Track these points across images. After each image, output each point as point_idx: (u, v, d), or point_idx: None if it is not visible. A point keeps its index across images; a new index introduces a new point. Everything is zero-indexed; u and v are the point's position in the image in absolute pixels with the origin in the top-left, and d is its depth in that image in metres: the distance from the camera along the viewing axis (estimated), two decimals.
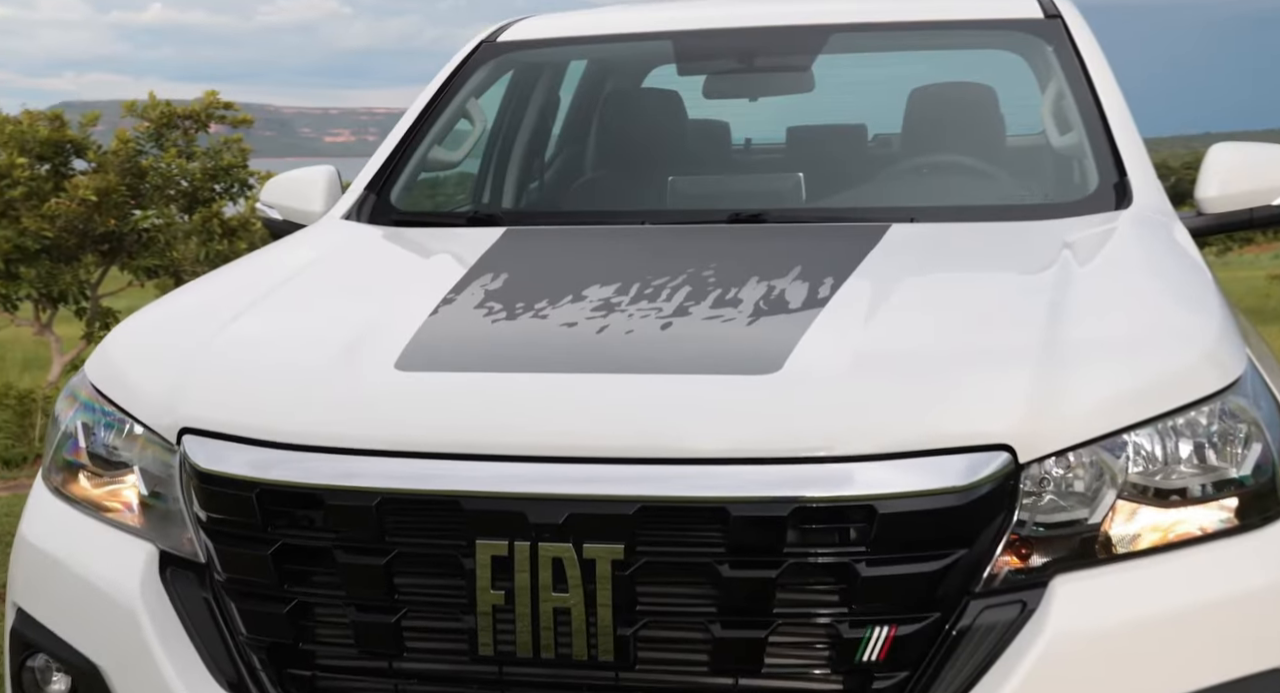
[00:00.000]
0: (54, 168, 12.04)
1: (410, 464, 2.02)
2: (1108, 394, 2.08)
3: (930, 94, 3.77)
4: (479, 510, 1.97)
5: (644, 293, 2.42)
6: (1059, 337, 2.18)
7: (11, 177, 11.46)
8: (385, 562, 2.01)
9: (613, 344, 2.22)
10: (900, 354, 2.15)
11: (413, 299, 2.47)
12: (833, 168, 3.60)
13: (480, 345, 2.29)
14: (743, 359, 2.14)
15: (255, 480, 2.07)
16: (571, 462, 1.99)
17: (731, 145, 4.15)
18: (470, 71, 3.64)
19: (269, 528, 2.08)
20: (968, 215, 3.00)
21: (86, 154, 12.16)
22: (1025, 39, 3.56)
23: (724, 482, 1.95)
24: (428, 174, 3.56)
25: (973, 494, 1.97)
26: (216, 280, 2.88)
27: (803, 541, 1.95)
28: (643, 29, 3.76)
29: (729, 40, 3.67)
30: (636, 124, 3.83)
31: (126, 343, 2.52)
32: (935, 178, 3.40)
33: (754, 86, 3.87)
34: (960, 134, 3.57)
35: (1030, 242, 2.78)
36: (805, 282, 2.45)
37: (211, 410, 2.19)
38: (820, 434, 1.99)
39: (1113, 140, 3.11)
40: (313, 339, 2.35)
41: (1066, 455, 2.04)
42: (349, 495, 2.01)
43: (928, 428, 2.00)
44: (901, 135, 3.76)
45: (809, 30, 3.62)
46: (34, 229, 11.18)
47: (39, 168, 11.99)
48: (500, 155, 3.91)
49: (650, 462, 1.98)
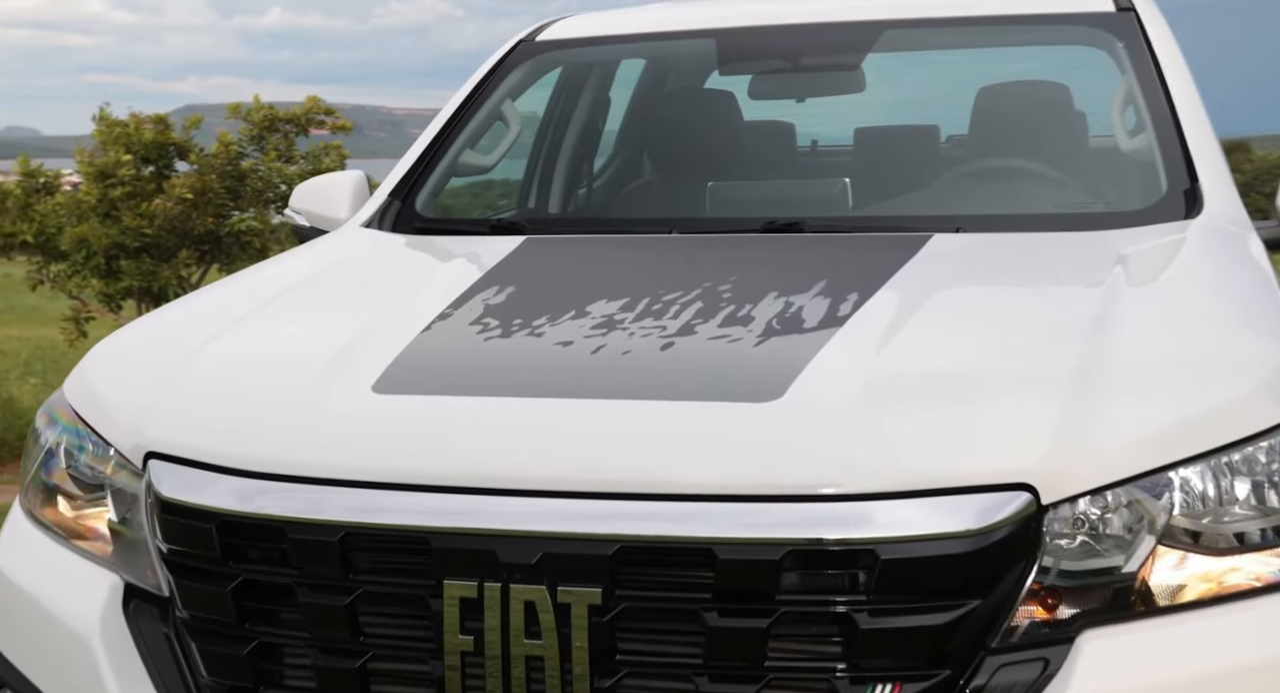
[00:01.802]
0: (157, 170, 12.26)
1: (377, 496, 1.87)
2: (1149, 427, 1.87)
3: (999, 93, 3.54)
4: (447, 548, 1.82)
5: (651, 309, 2.25)
6: (1095, 362, 1.97)
7: (117, 175, 11.69)
8: (349, 601, 1.87)
9: (605, 366, 2.05)
10: (914, 381, 1.96)
11: (409, 314, 2.33)
12: (893, 172, 3.39)
13: (463, 366, 2.14)
14: (742, 385, 1.96)
15: (215, 511, 1.93)
16: (546, 496, 1.82)
17: (796, 148, 3.95)
18: (506, 72, 3.50)
19: (229, 562, 1.94)
20: (1018, 225, 2.77)
21: (189, 156, 12.35)
22: (1094, 34, 3.31)
23: (711, 520, 1.78)
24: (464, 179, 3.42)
25: (988, 539, 1.76)
26: (211, 294, 2.77)
27: (798, 587, 1.77)
28: (688, 27, 3.58)
29: (775, 38, 3.47)
30: (688, 127, 3.65)
31: (103, 360, 2.41)
32: (992, 184, 3.18)
33: (801, 87, 3.67)
34: (1031, 136, 3.34)
35: (1081, 255, 2.56)
36: (827, 298, 2.26)
37: (177, 434, 2.06)
38: (818, 470, 1.80)
39: (1184, 143, 2.86)
40: (294, 358, 2.21)
41: (1098, 496, 1.82)
42: (311, 529, 1.87)
43: (938, 464, 1.80)
44: (968, 137, 3.53)
45: (860, 27, 3.41)
46: (135, 227, 11.38)
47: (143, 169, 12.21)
48: (546, 158, 3.76)
49: (631, 497, 1.81)
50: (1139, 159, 3.05)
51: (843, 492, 1.77)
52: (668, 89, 3.99)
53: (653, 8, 3.81)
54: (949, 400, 1.90)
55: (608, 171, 3.99)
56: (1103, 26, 3.26)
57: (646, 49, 3.82)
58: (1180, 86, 3.01)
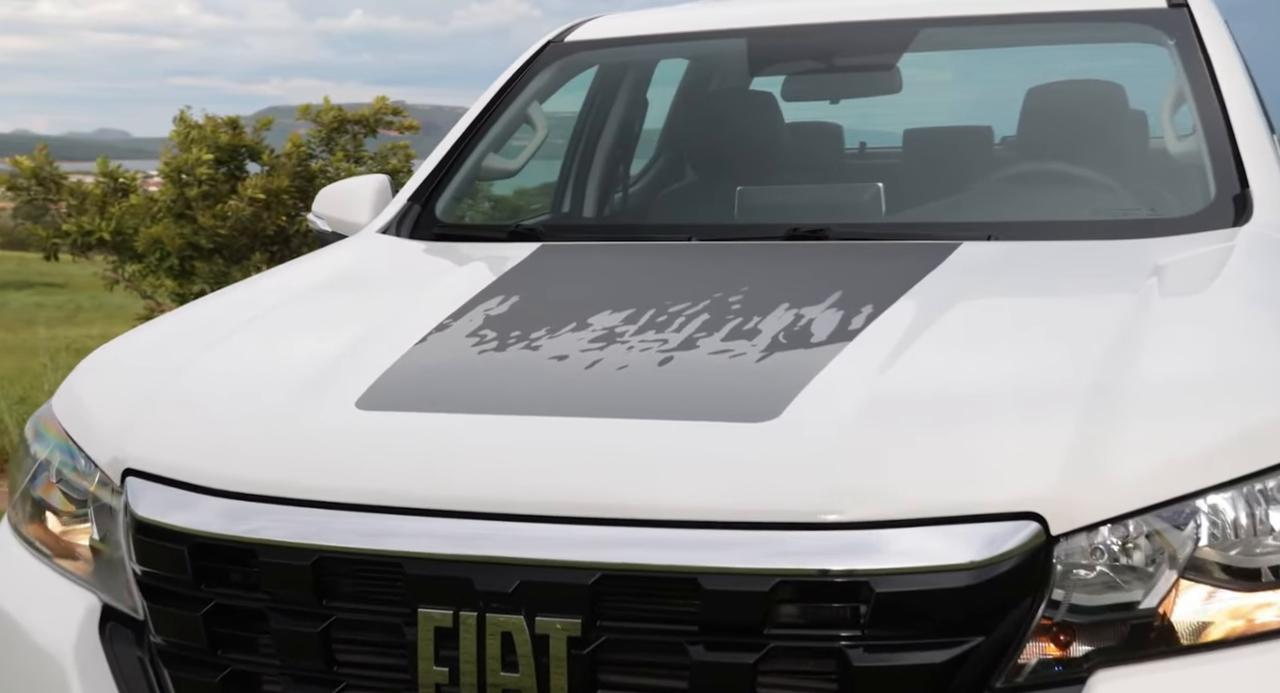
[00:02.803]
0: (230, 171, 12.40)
1: (352, 518, 1.79)
2: (1172, 451, 1.74)
3: (1049, 93, 3.39)
4: (421, 575, 1.73)
5: (655, 321, 2.16)
6: (1116, 380, 1.84)
7: (194, 174, 11.83)
8: (322, 629, 1.79)
9: (597, 382, 1.96)
10: (919, 401, 1.84)
11: (407, 325, 2.25)
12: (937, 175, 3.26)
13: (452, 381, 2.06)
14: (738, 403, 1.85)
15: (187, 532, 1.86)
16: (524, 520, 1.73)
17: (843, 150, 3.82)
18: (534, 74, 3.41)
19: (202, 586, 1.86)
20: (1053, 232, 2.64)
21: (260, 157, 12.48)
22: (1145, 31, 3.15)
23: (696, 548, 1.67)
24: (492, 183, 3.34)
25: (991, 572, 1.64)
26: (211, 303, 2.71)
27: (788, 620, 1.66)
28: (721, 27, 3.46)
29: (808, 38, 3.35)
30: (727, 130, 3.54)
31: (91, 373, 2.34)
32: (1033, 189, 3.04)
33: (835, 88, 3.54)
34: (1081, 139, 3.19)
35: (1114, 265, 2.42)
36: (840, 310, 2.15)
37: (156, 451, 1.99)
38: (811, 496, 1.69)
39: (1235, 146, 2.70)
40: (281, 371, 2.13)
41: (1113, 526, 1.70)
42: (283, 553, 1.79)
43: (940, 492, 1.69)
44: (1016, 139, 3.39)
45: (896, 25, 3.28)
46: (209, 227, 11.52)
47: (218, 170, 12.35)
48: (581, 162, 3.68)
49: (613, 523, 1.71)
50: (1187, 163, 2.89)
51: (837, 520, 1.67)
52: (711, 90, 3.88)
53: (685, 7, 3.71)
54: (954, 422, 1.79)
55: (647, 175, 3.89)
56: (1153, 23, 3.10)
57: (679, 49, 3.71)
58: (1234, 86, 2.84)
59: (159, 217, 11.97)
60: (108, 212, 12.59)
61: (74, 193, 13.08)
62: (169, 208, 12.03)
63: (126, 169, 14.22)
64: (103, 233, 12.42)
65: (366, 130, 12.44)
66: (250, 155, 12.48)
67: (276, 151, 12.69)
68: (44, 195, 13.56)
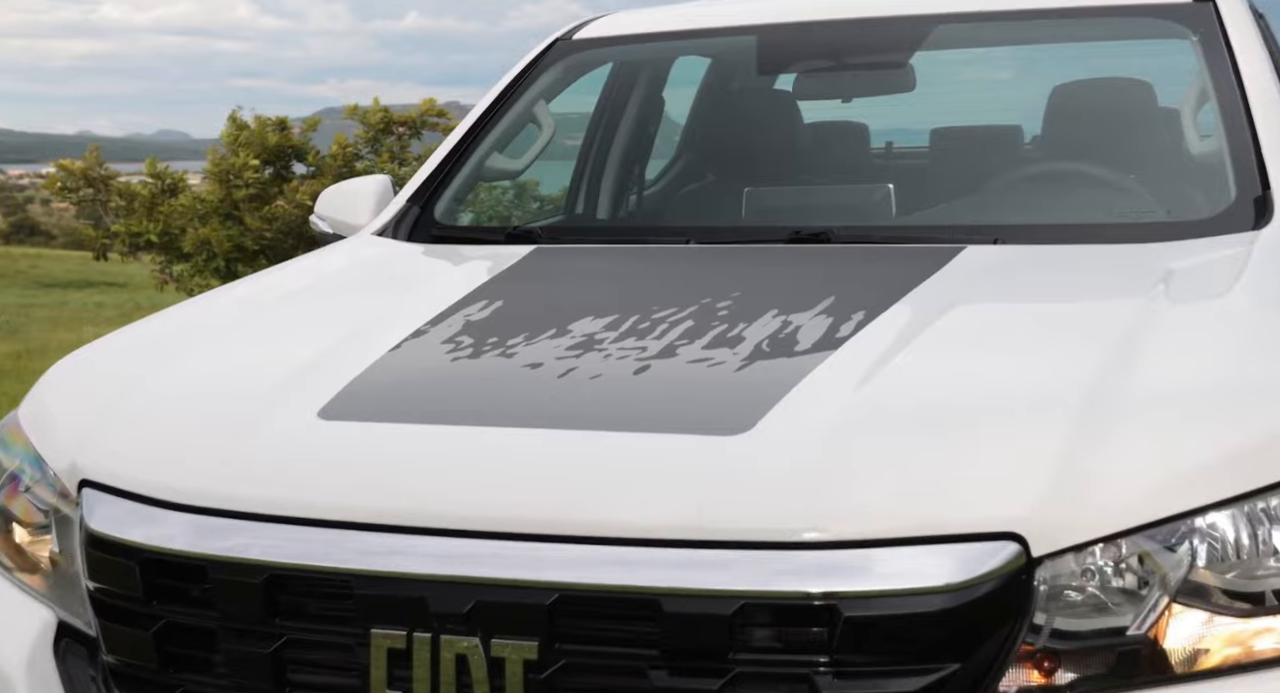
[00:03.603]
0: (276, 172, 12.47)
1: (305, 534, 1.71)
2: (1165, 467, 1.64)
3: (1076, 91, 3.27)
4: (374, 594, 1.66)
5: (638, 327, 2.08)
6: (1109, 391, 1.74)
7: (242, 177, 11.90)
8: (273, 649, 1.71)
9: (567, 392, 1.88)
10: (899, 414, 1.75)
11: (385, 331, 2.18)
12: (956, 176, 3.16)
13: (418, 390, 1.99)
14: (711, 415, 1.77)
15: (138, 547, 1.79)
16: (481, 537, 1.65)
17: (868, 150, 3.72)
18: (540, 72, 3.33)
19: (153, 603, 1.79)
20: (1064, 235, 2.53)
21: (306, 158, 12.53)
22: (1165, 27, 3.03)
23: (657, 568, 1.59)
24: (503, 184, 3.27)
25: (968, 595, 1.55)
26: (189, 307, 2.63)
27: (753, 645, 1.57)
28: (732, 23, 3.37)
29: (819, 35, 3.25)
30: (744, 130, 3.45)
31: (56, 379, 2.28)
32: (1049, 190, 2.92)
33: (847, 86, 3.44)
34: (1107, 139, 3.07)
35: (1123, 269, 2.31)
36: (830, 317, 2.06)
37: (112, 461, 1.92)
38: (779, 513, 1.61)
39: (1258, 146, 2.57)
40: (248, 379, 2.06)
41: (1099, 547, 1.60)
42: (234, 569, 1.72)
43: (914, 510, 1.60)
44: (1041, 139, 3.28)
45: (909, 22, 3.17)
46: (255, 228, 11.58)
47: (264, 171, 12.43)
48: (595, 162, 3.60)
49: (572, 540, 1.63)
50: (1208, 163, 2.77)
51: (806, 539, 1.58)
52: (730, 89, 3.79)
53: (700, 4, 3.62)
54: (933, 437, 1.70)
55: (667, 176, 3.81)
56: (1176, 18, 2.98)
57: (690, 47, 3.62)
58: (1259, 84, 2.72)
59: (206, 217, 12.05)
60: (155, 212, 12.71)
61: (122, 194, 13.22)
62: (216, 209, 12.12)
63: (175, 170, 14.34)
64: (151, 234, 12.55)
65: (412, 132, 12.47)
66: (297, 156, 12.54)
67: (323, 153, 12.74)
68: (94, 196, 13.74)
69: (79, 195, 14.01)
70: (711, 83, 3.86)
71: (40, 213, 55.20)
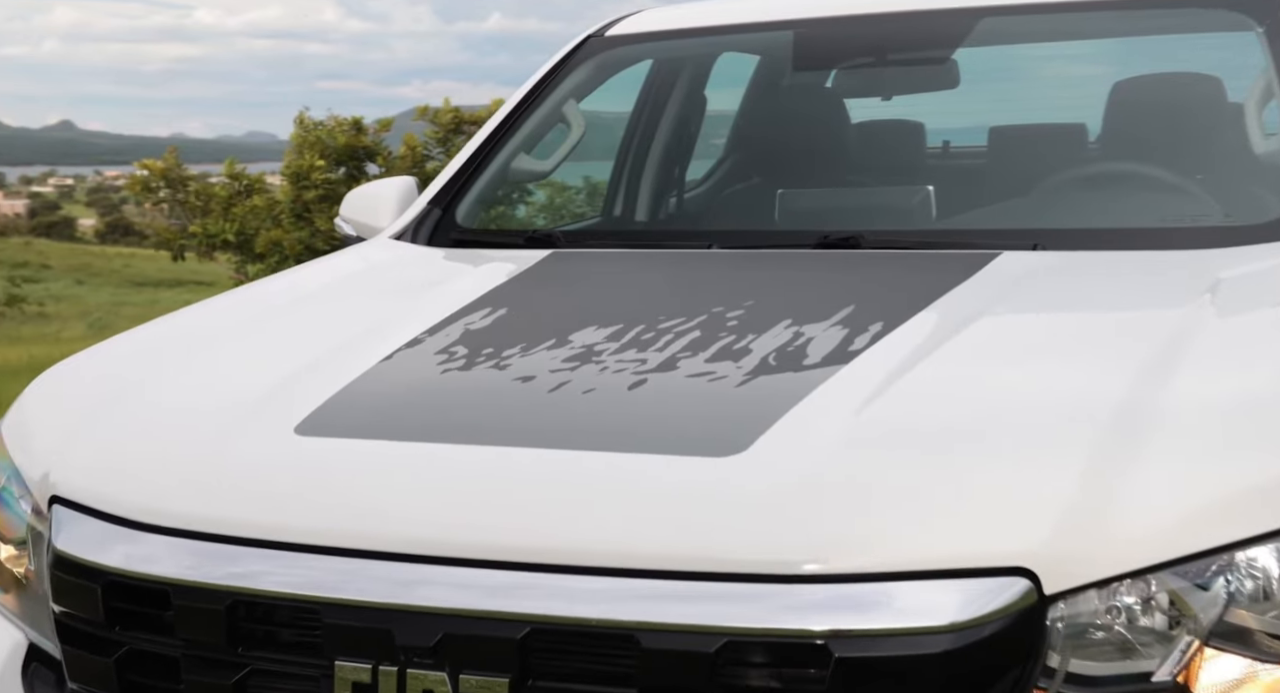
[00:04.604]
0: (349, 172, 12.54)
1: (270, 559, 1.62)
2: (1199, 496, 1.50)
3: (1138, 87, 3.10)
4: (339, 624, 1.56)
5: (641, 338, 1.97)
6: (1138, 412, 1.60)
7: (310, 179, 11.99)
8: (236, 679, 1.62)
9: (556, 407, 1.77)
10: (908, 434, 1.62)
11: (379, 341, 2.08)
12: (1006, 177, 3.00)
13: (402, 405, 1.88)
14: (705, 434, 1.65)
15: (101, 568, 1.71)
16: (451, 564, 1.55)
17: (924, 149, 3.56)
18: (570, 70, 3.22)
19: (115, 628, 1.71)
20: (1109, 241, 2.37)
21: (377, 159, 12.58)
22: (1228, 18, 2.85)
23: (636, 600, 1.48)
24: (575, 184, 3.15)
25: (973, 635, 1.42)
26: (186, 314, 2.54)
27: (736, 686, 1.45)
28: (770, 19, 3.23)
29: (858, 29, 3.10)
30: (789, 128, 3.31)
31: (40, 389, 2.19)
32: (1100, 193, 2.75)
33: (888, 83, 3.28)
34: (1167, 137, 2.89)
35: (1168, 278, 2.16)
36: (845, 328, 1.93)
37: (84, 477, 1.84)
38: (767, 543, 1.49)
39: None
40: (232, 392, 1.97)
41: (1121, 584, 1.46)
42: (195, 594, 1.63)
43: (916, 541, 1.47)
44: (1100, 138, 3.10)
45: (953, 16, 3.01)
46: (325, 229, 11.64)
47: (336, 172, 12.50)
48: (634, 162, 3.48)
49: (546, 569, 1.52)
50: (1273, 163, 2.59)
51: (796, 572, 1.46)
52: (775, 87, 3.65)
53: None
54: (942, 461, 1.56)
55: (712, 178, 3.68)
56: (1240, 8, 2.79)
57: (729, 43, 3.48)
58: None
59: (279, 218, 12.16)
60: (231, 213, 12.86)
61: (200, 195, 13.40)
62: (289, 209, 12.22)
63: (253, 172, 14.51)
64: (227, 234, 12.69)
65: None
66: (369, 157, 12.60)
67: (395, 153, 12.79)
68: (173, 196, 13.96)
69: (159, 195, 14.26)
70: (760, 80, 3.72)
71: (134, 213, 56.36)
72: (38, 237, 71.33)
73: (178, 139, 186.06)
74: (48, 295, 38.60)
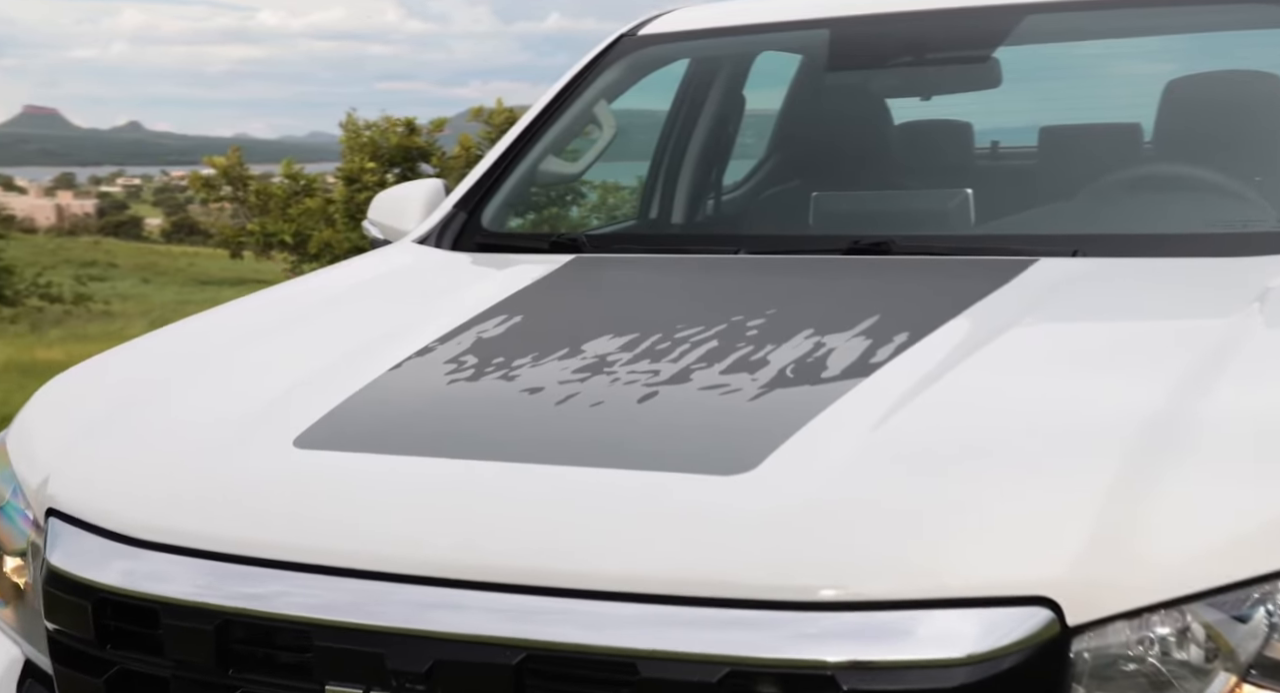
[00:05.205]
0: (403, 173, 12.56)
1: (262, 577, 1.56)
2: (1237, 522, 1.41)
3: (1192, 86, 2.98)
4: (330, 647, 1.50)
5: (655, 348, 1.90)
6: (1172, 430, 1.51)
7: (361, 181, 12.02)
8: None
9: (561, 421, 1.71)
10: (926, 453, 1.54)
11: (390, 348, 2.02)
12: (1052, 180, 2.89)
13: (404, 416, 1.82)
14: (713, 451, 1.58)
15: (92, 585, 1.65)
16: (443, 586, 1.49)
17: (972, 150, 3.45)
18: (602, 70, 3.14)
19: (106, 647, 1.66)
20: (1153, 247, 2.27)
21: (431, 159, 12.60)
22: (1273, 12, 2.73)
23: (635, 626, 1.41)
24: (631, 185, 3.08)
25: (991, 668, 1.34)
26: (195, 321, 2.49)
27: None
28: (809, 17, 3.13)
29: (896, 27, 3.00)
30: (828, 129, 3.22)
31: (43, 399, 2.14)
32: (1147, 196, 2.64)
33: (927, 83, 3.17)
34: (1222, 138, 2.77)
35: (1214, 285, 2.05)
36: (867, 339, 1.85)
37: (78, 490, 1.79)
38: (772, 568, 1.41)
39: None
40: (234, 403, 1.91)
41: (1150, 615, 1.37)
42: (186, 614, 1.58)
43: (930, 568, 1.39)
44: (1154, 139, 2.99)
45: (995, 13, 2.90)
46: None
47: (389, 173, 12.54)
48: (670, 164, 3.41)
49: (543, 592, 1.45)
50: None
51: (802, 599, 1.38)
52: (815, 87, 3.56)
53: None
54: (960, 481, 1.48)
55: (752, 180, 3.59)
56: None
57: (769, 41, 3.39)
58: None
59: (333, 218, 12.21)
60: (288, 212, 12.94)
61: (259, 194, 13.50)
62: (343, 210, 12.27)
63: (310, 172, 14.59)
64: (284, 235, 12.77)
65: None
66: (422, 157, 12.62)
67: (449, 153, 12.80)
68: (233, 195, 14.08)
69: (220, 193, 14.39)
70: (802, 81, 3.63)
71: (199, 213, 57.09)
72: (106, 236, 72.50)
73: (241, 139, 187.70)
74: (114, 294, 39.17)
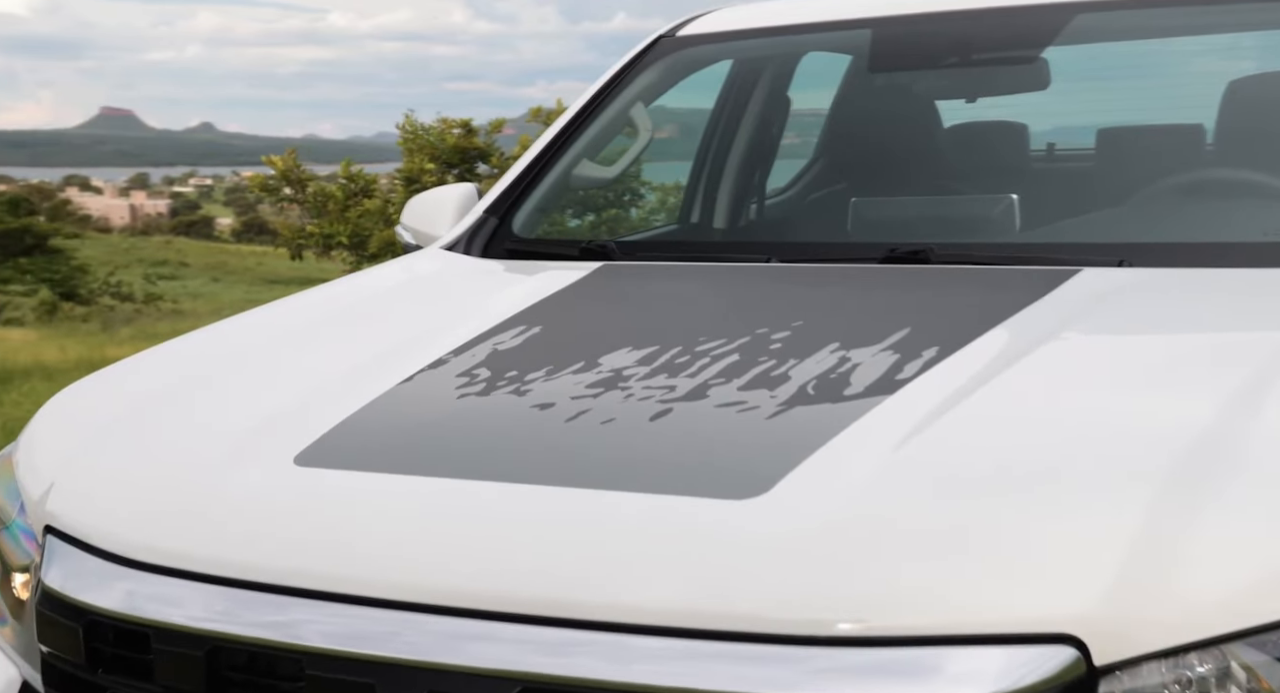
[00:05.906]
0: (461, 174, 12.57)
1: (254, 601, 1.50)
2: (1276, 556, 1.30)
3: (1257, 86, 2.86)
4: (321, 676, 1.44)
5: (674, 362, 1.82)
6: (1214, 455, 1.41)
7: (421, 182, 12.05)
8: None
9: (569, 440, 1.63)
10: (948, 478, 1.45)
11: (403, 360, 1.95)
12: (1105, 185, 2.78)
13: (409, 432, 1.75)
14: (725, 473, 1.50)
15: (84, 606, 1.60)
16: (439, 614, 1.42)
17: (1027, 153, 3.34)
18: (639, 72, 3.06)
19: (97, 672, 1.60)
20: (1203, 257, 2.15)
21: (490, 160, 12.60)
22: None
23: (637, 660, 1.34)
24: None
25: None
26: (210, 331, 2.43)
27: None
28: (851, 17, 3.03)
29: (941, 27, 2.89)
30: (875, 132, 3.12)
31: (50, 412, 2.09)
32: (1201, 202, 2.52)
33: (973, 84, 3.06)
34: None
35: (1265, 299, 1.94)
36: (895, 354, 1.76)
37: (75, 507, 1.74)
38: (779, 600, 1.33)
39: None
40: (239, 417, 1.85)
41: (1185, 656, 1.28)
42: (174, 638, 1.52)
43: (947, 603, 1.30)
44: (1215, 142, 2.87)
45: (1043, 12, 2.78)
46: None
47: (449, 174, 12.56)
48: (712, 167, 3.33)
49: (540, 622, 1.38)
50: None
51: (811, 634, 1.30)
52: (864, 88, 3.45)
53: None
54: (983, 510, 1.39)
55: (797, 184, 3.49)
56: None
57: (814, 42, 3.29)
58: None
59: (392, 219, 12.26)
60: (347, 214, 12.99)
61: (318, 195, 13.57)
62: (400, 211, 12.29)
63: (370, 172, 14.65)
64: (342, 236, 12.82)
65: None
66: (480, 158, 12.62)
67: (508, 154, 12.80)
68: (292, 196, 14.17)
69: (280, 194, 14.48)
70: (851, 82, 3.53)
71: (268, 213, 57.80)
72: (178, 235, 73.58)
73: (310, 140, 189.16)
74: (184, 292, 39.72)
